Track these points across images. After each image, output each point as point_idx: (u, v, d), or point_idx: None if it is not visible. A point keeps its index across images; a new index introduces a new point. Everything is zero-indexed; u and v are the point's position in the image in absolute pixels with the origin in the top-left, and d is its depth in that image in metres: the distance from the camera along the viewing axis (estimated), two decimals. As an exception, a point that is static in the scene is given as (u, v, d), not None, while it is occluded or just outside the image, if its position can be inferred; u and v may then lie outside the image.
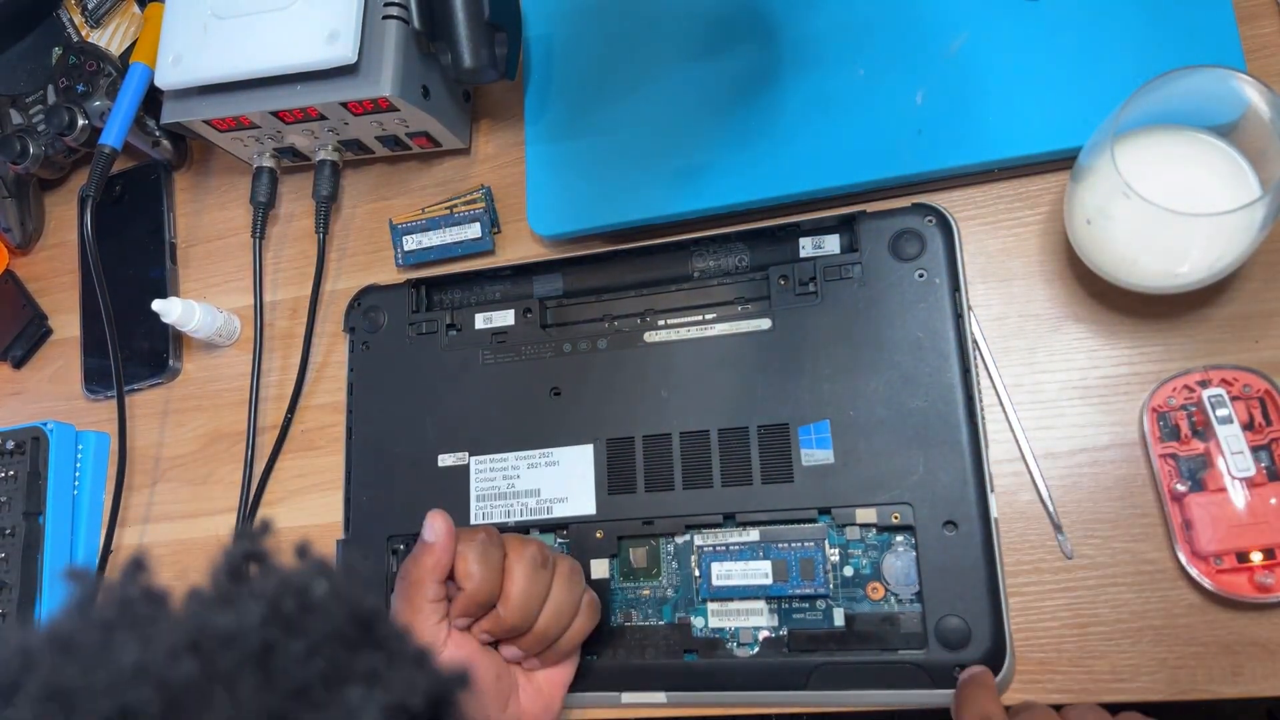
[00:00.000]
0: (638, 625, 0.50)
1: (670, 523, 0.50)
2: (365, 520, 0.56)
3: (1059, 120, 0.48)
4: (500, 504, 0.54)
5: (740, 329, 0.52)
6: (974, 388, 0.47)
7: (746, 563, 0.49)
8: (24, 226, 0.70)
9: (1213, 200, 0.42)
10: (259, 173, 0.63)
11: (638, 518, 0.51)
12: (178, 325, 0.61)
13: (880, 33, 0.52)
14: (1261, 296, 0.46)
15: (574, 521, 0.52)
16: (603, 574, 0.51)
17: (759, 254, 0.53)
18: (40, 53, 0.70)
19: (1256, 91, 0.40)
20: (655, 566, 0.51)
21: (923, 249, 0.49)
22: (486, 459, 0.54)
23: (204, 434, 0.64)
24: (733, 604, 0.49)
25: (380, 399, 0.58)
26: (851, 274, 0.50)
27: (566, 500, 0.52)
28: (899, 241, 0.50)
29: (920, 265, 0.49)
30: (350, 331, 0.60)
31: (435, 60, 0.56)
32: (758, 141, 0.53)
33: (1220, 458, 0.43)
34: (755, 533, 0.49)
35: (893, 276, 0.50)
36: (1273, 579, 0.42)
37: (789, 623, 0.48)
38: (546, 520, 0.53)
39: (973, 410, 0.47)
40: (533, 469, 0.53)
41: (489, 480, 0.54)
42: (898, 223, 0.50)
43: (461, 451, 0.55)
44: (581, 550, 0.52)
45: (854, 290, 0.50)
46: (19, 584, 0.60)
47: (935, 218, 0.50)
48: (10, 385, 0.70)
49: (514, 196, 0.60)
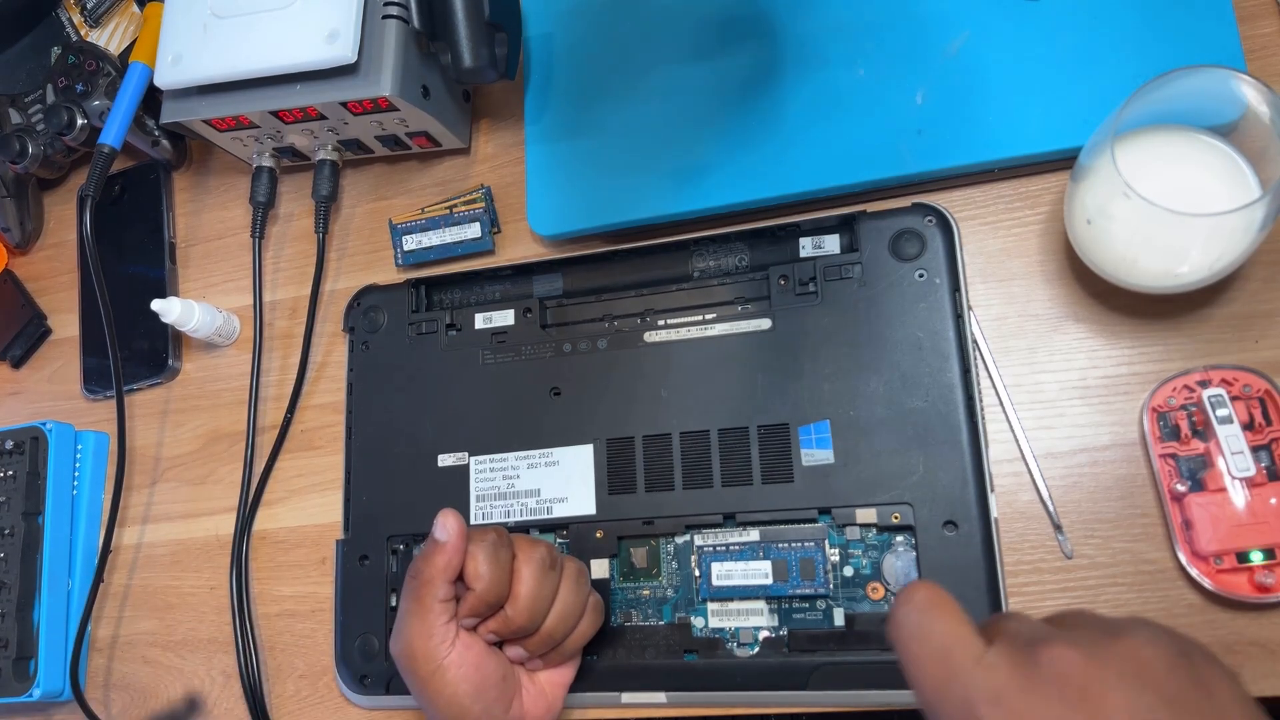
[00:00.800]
0: (638, 625, 0.50)
1: (670, 522, 0.50)
2: (365, 520, 0.56)
3: (1059, 120, 0.48)
4: (500, 504, 0.54)
5: (740, 329, 0.52)
6: (974, 388, 0.47)
7: (747, 563, 0.49)
8: (23, 226, 0.70)
9: (1213, 200, 0.42)
10: (259, 172, 0.62)
11: (638, 518, 0.51)
12: (177, 325, 0.61)
13: (880, 33, 0.52)
14: (1261, 296, 0.46)
15: (574, 521, 0.52)
16: (603, 574, 0.51)
17: (759, 254, 0.53)
18: (40, 52, 0.70)
19: (1256, 91, 0.40)
20: (655, 566, 0.51)
21: (923, 249, 0.49)
22: (486, 459, 0.54)
23: (203, 434, 0.64)
24: (733, 604, 0.49)
25: (380, 399, 0.58)
26: (851, 274, 0.50)
27: (566, 500, 0.52)
28: (899, 241, 0.50)
29: (920, 265, 0.49)
30: (350, 331, 0.60)
31: (435, 60, 0.56)
32: (758, 141, 0.53)
33: (1220, 458, 0.43)
34: (755, 533, 0.49)
35: (893, 276, 0.50)
36: (1273, 579, 0.42)
37: (789, 623, 0.48)
38: (546, 520, 0.52)
39: (973, 410, 0.47)
40: (532, 469, 0.53)
41: (489, 480, 0.54)
42: (898, 223, 0.50)
43: (461, 451, 0.55)
44: (581, 550, 0.52)
45: (854, 290, 0.50)
46: (18, 584, 0.60)
47: (935, 218, 0.50)
48: (9, 385, 0.70)
49: (514, 196, 0.60)
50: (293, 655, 0.58)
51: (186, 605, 0.61)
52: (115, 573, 0.63)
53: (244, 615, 0.59)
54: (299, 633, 0.58)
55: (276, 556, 0.60)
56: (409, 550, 0.55)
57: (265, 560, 0.60)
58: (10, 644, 0.60)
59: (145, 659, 0.61)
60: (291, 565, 0.59)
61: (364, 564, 0.55)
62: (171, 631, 0.61)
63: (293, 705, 0.57)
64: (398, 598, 0.54)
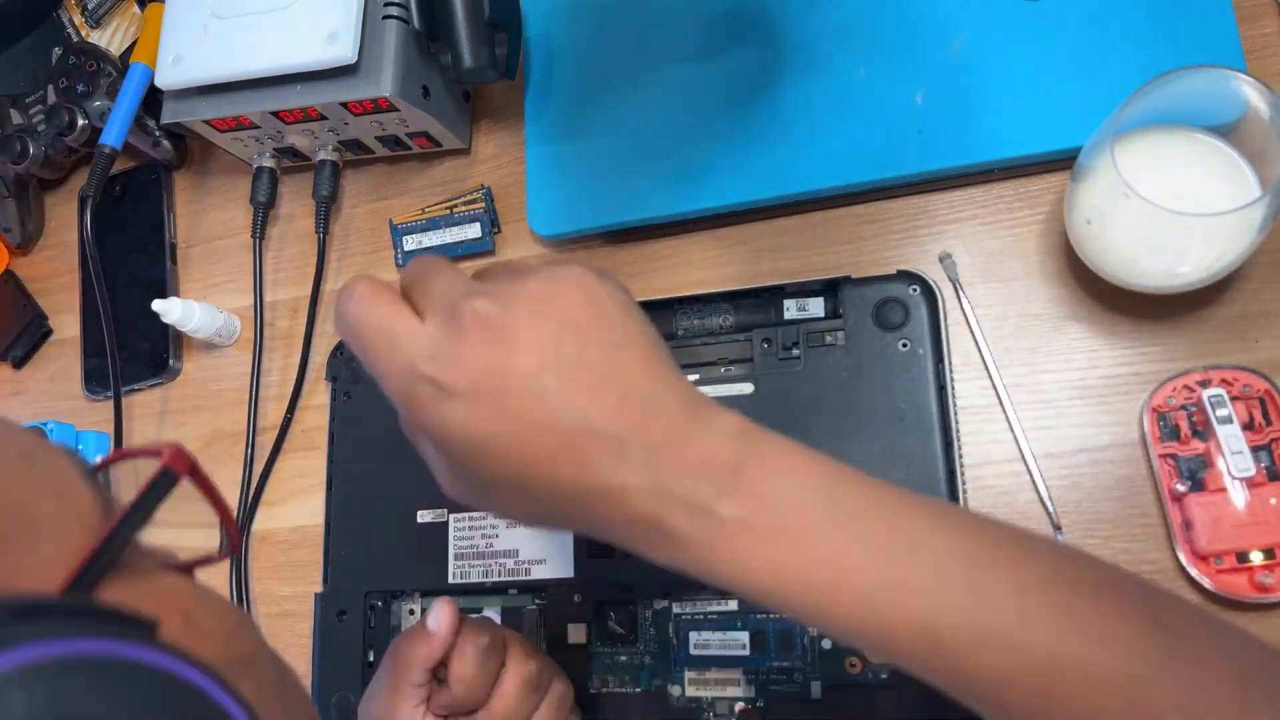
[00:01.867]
0: (615, 691, 0.50)
1: (649, 588, 0.50)
2: (343, 574, 0.56)
3: (1059, 120, 0.48)
4: (478, 564, 0.53)
5: (722, 392, 0.51)
6: (956, 461, 0.47)
7: (725, 633, 0.48)
8: (24, 226, 0.70)
9: (1212, 200, 0.42)
10: (259, 173, 0.63)
11: (616, 583, 0.50)
12: (178, 325, 0.61)
13: (880, 33, 0.52)
14: (1261, 296, 0.46)
15: (552, 584, 0.51)
16: (580, 639, 0.51)
17: (743, 315, 0.52)
18: (40, 53, 0.70)
19: (1256, 91, 0.40)
20: (633, 632, 0.50)
21: (906, 318, 0.49)
22: (466, 516, 0.54)
23: (204, 434, 0.64)
24: (710, 673, 0.49)
25: (361, 450, 0.57)
26: (835, 340, 0.50)
27: (545, 562, 0.52)
28: (882, 310, 0.49)
29: (904, 335, 0.49)
30: (332, 381, 0.59)
31: (435, 60, 0.56)
32: (757, 141, 0.53)
33: (1220, 458, 0.43)
34: (734, 602, 0.49)
35: (876, 346, 0.49)
36: (1273, 579, 0.42)
37: (766, 694, 0.48)
38: (524, 581, 0.52)
39: (954, 484, 0.46)
40: (511, 529, 0.53)
41: (467, 539, 0.53)
42: (882, 290, 0.49)
43: (440, 508, 0.54)
44: (559, 613, 0.51)
45: (837, 357, 0.49)
46: (19, 584, 0.60)
47: (920, 286, 0.49)
48: (10, 385, 0.70)
49: (514, 196, 0.60)
50: (292, 656, 0.58)
51: (187, 605, 0.61)
52: None
53: (244, 615, 0.59)
54: (299, 633, 0.58)
55: (276, 556, 0.60)
56: (386, 607, 0.54)
57: (265, 560, 0.60)
58: (11, 644, 0.60)
59: (146, 659, 0.61)
60: (291, 565, 0.59)
61: (342, 619, 0.55)
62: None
63: (293, 705, 0.57)
64: (375, 655, 0.54)
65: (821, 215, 0.54)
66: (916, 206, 0.52)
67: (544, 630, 0.52)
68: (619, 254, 0.57)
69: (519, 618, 0.52)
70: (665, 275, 0.56)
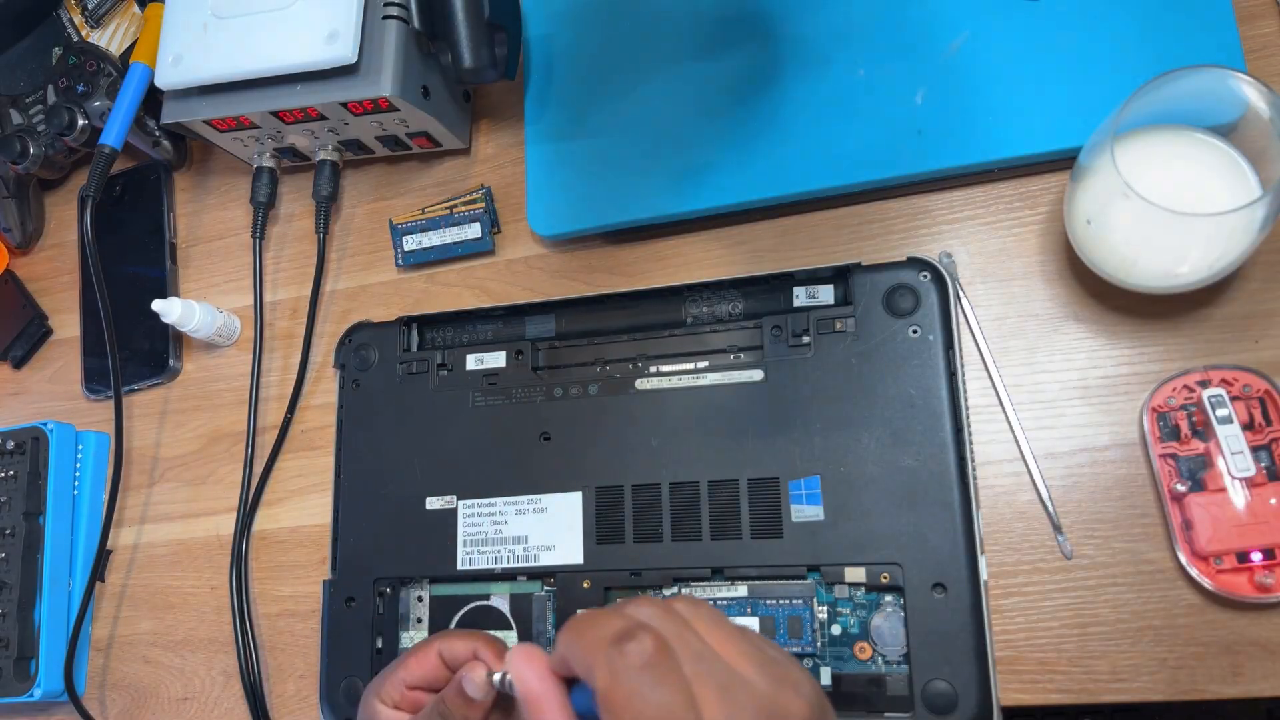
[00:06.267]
0: None
1: (658, 574, 0.50)
2: (352, 561, 0.56)
3: (1059, 120, 0.48)
4: (487, 550, 0.53)
5: (732, 379, 0.51)
6: (966, 447, 0.47)
7: (734, 618, 0.48)
8: (24, 226, 0.70)
9: (1213, 200, 0.42)
10: (259, 173, 0.63)
11: (625, 569, 0.50)
12: (178, 325, 0.61)
13: (880, 33, 0.52)
14: (1261, 296, 0.46)
15: (561, 570, 0.51)
16: None
17: (752, 302, 0.52)
18: (40, 53, 0.70)
19: (1256, 91, 0.40)
20: None
21: (917, 305, 0.49)
22: (475, 503, 0.54)
23: (204, 434, 0.64)
24: None
25: (370, 438, 0.57)
26: (845, 327, 0.50)
27: (554, 548, 0.52)
28: (893, 297, 0.49)
29: (914, 322, 0.48)
30: (341, 368, 0.59)
31: (435, 60, 0.56)
32: (757, 141, 0.53)
33: (1220, 458, 0.43)
34: (743, 588, 0.49)
35: (886, 332, 0.49)
36: (1273, 579, 0.42)
37: None
38: (534, 568, 0.52)
39: (964, 471, 0.46)
40: (521, 515, 0.53)
41: (476, 525, 0.53)
42: (892, 277, 0.49)
43: (450, 495, 0.54)
44: (568, 599, 0.51)
45: (847, 344, 0.49)
46: (19, 584, 0.60)
47: (930, 273, 0.49)
48: (10, 385, 0.70)
49: (514, 196, 0.60)
50: (293, 655, 0.58)
51: (187, 605, 0.61)
52: (115, 573, 0.64)
53: (244, 615, 0.59)
54: (299, 633, 0.58)
55: (276, 556, 0.60)
56: (395, 594, 0.54)
57: (265, 560, 0.60)
58: (11, 644, 0.60)
59: (145, 659, 0.62)
60: (291, 565, 0.59)
61: (350, 606, 0.55)
62: (172, 631, 0.61)
63: (293, 705, 0.57)
64: (384, 642, 0.54)
65: (821, 215, 0.54)
66: (916, 206, 0.52)
67: (554, 616, 0.52)
68: (619, 254, 0.57)
69: (528, 604, 0.52)
70: (665, 276, 0.56)
